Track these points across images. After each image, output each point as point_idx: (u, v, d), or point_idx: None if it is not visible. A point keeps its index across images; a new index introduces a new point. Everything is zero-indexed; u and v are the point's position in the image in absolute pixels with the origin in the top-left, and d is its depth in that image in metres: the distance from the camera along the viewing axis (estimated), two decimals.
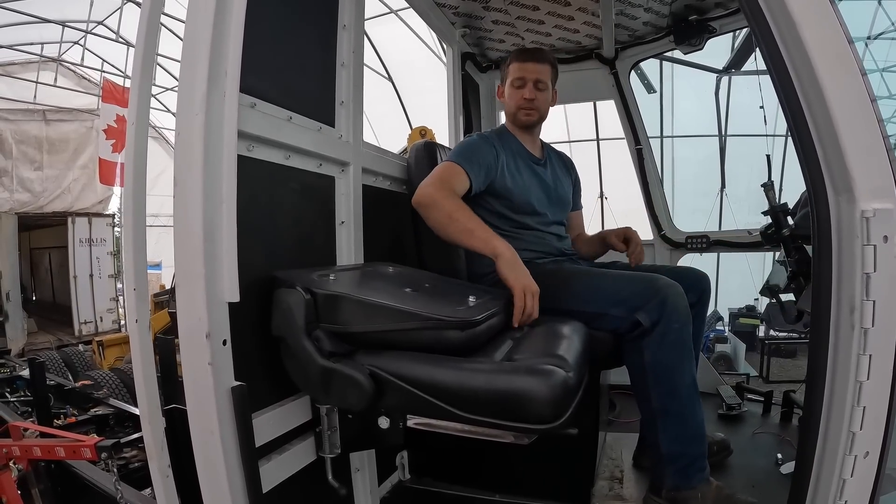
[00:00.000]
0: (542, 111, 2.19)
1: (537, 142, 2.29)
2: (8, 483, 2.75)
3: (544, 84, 2.14)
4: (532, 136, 2.26)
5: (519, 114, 2.17)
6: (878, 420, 1.06)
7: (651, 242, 3.23)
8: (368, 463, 1.81)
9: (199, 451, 1.18)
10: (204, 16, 1.16)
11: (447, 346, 1.31)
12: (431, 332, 1.30)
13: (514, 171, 2.10)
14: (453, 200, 1.82)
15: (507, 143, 2.17)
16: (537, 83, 2.13)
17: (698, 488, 1.67)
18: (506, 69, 2.21)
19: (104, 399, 4.41)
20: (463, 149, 2.05)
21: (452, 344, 1.31)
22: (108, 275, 11.37)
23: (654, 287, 1.68)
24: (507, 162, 2.09)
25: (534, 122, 2.20)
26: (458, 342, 1.31)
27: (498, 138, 2.16)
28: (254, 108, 1.38)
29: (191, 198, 1.15)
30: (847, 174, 1.03)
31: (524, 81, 2.13)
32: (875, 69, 10.60)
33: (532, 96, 2.13)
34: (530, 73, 2.12)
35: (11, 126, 10.36)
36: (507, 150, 2.13)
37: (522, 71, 2.13)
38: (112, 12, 10.42)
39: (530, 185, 2.13)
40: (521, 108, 2.16)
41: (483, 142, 2.08)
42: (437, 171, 1.95)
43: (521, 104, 2.15)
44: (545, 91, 2.16)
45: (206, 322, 1.13)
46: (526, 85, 2.13)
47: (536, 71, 2.12)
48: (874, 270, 1.02)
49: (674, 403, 1.68)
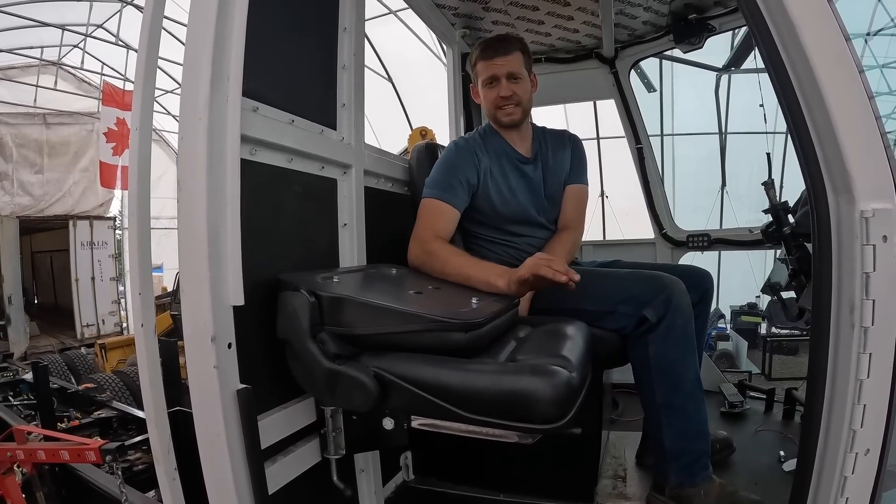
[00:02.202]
0: (523, 105, 2.02)
1: (526, 136, 2.13)
2: (12, 486, 2.76)
3: (518, 73, 1.99)
4: (519, 132, 2.10)
5: (499, 115, 2.03)
6: (878, 418, 1.06)
7: (652, 241, 3.24)
8: (373, 463, 1.82)
9: (205, 453, 1.19)
10: (206, 21, 1.17)
11: (451, 347, 1.31)
12: (435, 333, 1.31)
13: (498, 178, 2.02)
14: (439, 253, 1.79)
15: (491, 145, 2.06)
16: (510, 76, 1.98)
17: (702, 486, 1.67)
18: (473, 68, 2.07)
19: (107, 402, 4.44)
20: (440, 173, 1.96)
21: (456, 345, 1.31)
22: (110, 277, 11.39)
23: (660, 283, 1.68)
24: (490, 168, 2.01)
25: (518, 120, 2.04)
26: (462, 343, 1.31)
27: (482, 140, 2.06)
28: (256, 111, 1.39)
29: (195, 202, 1.16)
30: (846, 174, 1.04)
31: (495, 78, 1.99)
32: (875, 65, 10.58)
33: (508, 93, 1.98)
34: (499, 67, 1.98)
35: (12, 130, 10.37)
36: (491, 153, 2.04)
37: (491, 68, 1.99)
38: (111, 15, 10.44)
39: (517, 190, 2.04)
40: (499, 108, 2.02)
41: (462, 154, 1.99)
42: (420, 218, 1.91)
43: (498, 103, 2.01)
44: (521, 81, 2.00)
45: (212, 325, 1.14)
46: (499, 81, 1.99)
47: (506, 63, 1.98)
48: (874, 270, 1.02)
49: (678, 398, 1.68)
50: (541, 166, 2.12)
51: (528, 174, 2.09)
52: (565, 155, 2.17)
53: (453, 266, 1.74)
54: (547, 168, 2.13)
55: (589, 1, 2.62)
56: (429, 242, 1.83)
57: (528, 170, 2.09)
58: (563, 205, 2.14)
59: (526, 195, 2.06)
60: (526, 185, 2.07)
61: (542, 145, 2.15)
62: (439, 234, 1.87)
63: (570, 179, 2.16)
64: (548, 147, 2.16)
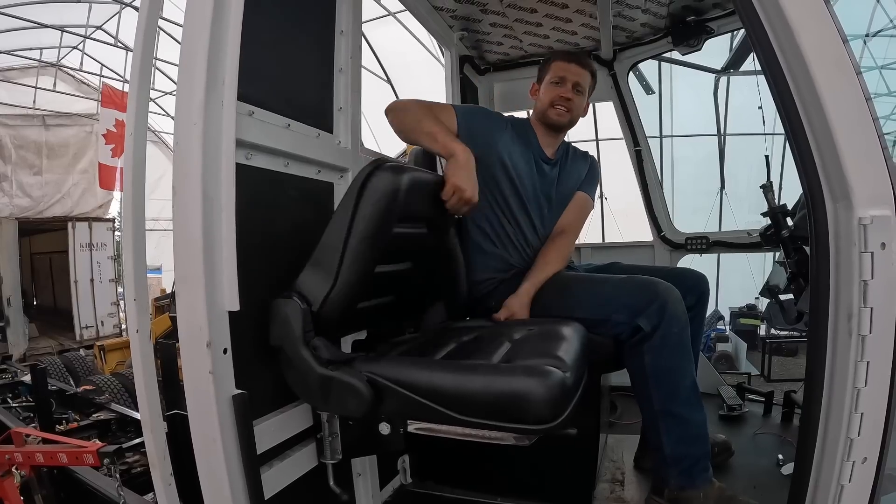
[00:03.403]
0: (574, 114, 2.11)
1: (555, 145, 2.19)
2: (11, 489, 2.76)
3: (582, 88, 2.09)
4: (554, 138, 2.17)
5: (550, 111, 2.08)
6: (875, 426, 1.06)
7: (651, 244, 3.24)
8: (370, 467, 1.81)
9: (201, 458, 1.18)
10: (201, 25, 1.16)
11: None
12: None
13: (514, 157, 2.05)
14: (427, 111, 1.86)
15: (521, 131, 2.12)
16: (576, 85, 2.07)
17: (701, 489, 1.67)
18: (546, 67, 2.14)
19: (106, 404, 4.44)
20: (467, 107, 2.03)
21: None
22: (109, 279, 11.39)
23: (654, 291, 1.68)
24: (510, 141, 2.06)
25: (563, 124, 2.11)
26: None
27: (515, 123, 2.12)
28: (252, 115, 1.38)
29: (190, 207, 1.15)
30: (845, 181, 1.03)
31: (564, 80, 2.07)
32: (874, 66, 10.58)
33: (570, 96, 2.06)
34: (572, 74, 2.07)
35: (11, 131, 10.38)
36: (518, 135, 2.09)
37: (565, 70, 2.07)
38: (110, 17, 10.46)
39: (525, 177, 2.07)
40: (554, 105, 2.08)
41: (491, 114, 2.05)
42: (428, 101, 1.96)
43: (556, 100, 2.07)
44: (582, 95, 2.10)
45: (207, 331, 1.14)
46: (565, 83, 2.07)
47: (578, 73, 2.07)
48: (872, 277, 1.02)
49: (675, 405, 1.68)
50: (558, 170, 2.17)
51: (545, 171, 2.14)
52: (582, 167, 2.25)
53: (429, 122, 1.82)
54: (563, 172, 2.19)
55: (587, 3, 2.62)
56: (423, 105, 1.90)
57: (546, 168, 2.14)
58: (566, 208, 2.18)
59: (532, 187, 2.09)
60: (536, 179, 2.11)
61: (565, 156, 2.23)
62: (435, 114, 1.89)
63: (580, 187, 2.22)
64: (569, 159, 2.23)
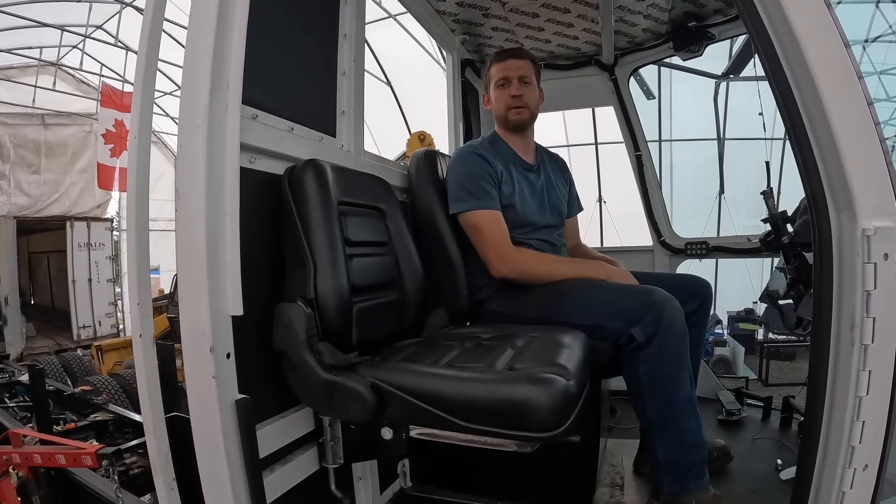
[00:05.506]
0: (531, 108, 2.13)
1: (531, 145, 2.24)
2: (8, 490, 2.74)
3: (529, 79, 2.10)
4: (525, 139, 2.21)
5: (509, 114, 2.12)
6: (877, 434, 1.06)
7: (650, 248, 3.24)
8: (370, 471, 1.82)
9: (204, 462, 1.18)
10: (206, 29, 1.17)
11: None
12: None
13: (510, 183, 2.07)
14: (531, 261, 1.96)
15: (499, 152, 2.12)
16: (522, 79, 2.09)
17: (695, 495, 1.66)
18: (487, 75, 2.19)
19: (104, 405, 4.40)
20: (469, 183, 1.99)
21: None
22: (107, 279, 11.32)
23: (651, 300, 1.66)
24: (503, 173, 2.06)
25: (526, 121, 2.14)
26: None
27: (491, 148, 2.12)
28: (255, 119, 1.38)
29: (194, 211, 1.15)
30: (849, 192, 1.04)
31: (508, 80, 2.09)
32: (873, 72, 10.62)
33: (519, 92, 2.08)
34: (513, 70, 2.09)
35: (10, 130, 10.33)
36: (501, 159, 2.09)
37: (505, 70, 2.10)
38: (111, 16, 10.44)
39: (526, 194, 2.11)
40: (510, 108, 2.11)
41: (478, 162, 2.03)
42: (483, 233, 1.96)
43: (509, 103, 2.10)
44: (531, 86, 2.11)
45: (210, 335, 1.14)
46: (511, 83, 2.09)
47: (518, 67, 2.09)
48: (874, 288, 1.02)
49: (670, 414, 1.67)
50: (542, 176, 2.22)
51: (533, 181, 2.18)
52: (563, 178, 2.37)
53: (553, 268, 1.94)
54: (548, 179, 2.24)
55: (589, 8, 2.63)
56: (511, 257, 1.94)
57: (533, 177, 2.19)
58: (568, 231, 2.36)
59: (531, 200, 2.13)
60: (531, 192, 2.15)
61: (542, 157, 2.30)
62: (508, 240, 1.96)
63: (572, 211, 2.41)
64: (545, 160, 2.31)
